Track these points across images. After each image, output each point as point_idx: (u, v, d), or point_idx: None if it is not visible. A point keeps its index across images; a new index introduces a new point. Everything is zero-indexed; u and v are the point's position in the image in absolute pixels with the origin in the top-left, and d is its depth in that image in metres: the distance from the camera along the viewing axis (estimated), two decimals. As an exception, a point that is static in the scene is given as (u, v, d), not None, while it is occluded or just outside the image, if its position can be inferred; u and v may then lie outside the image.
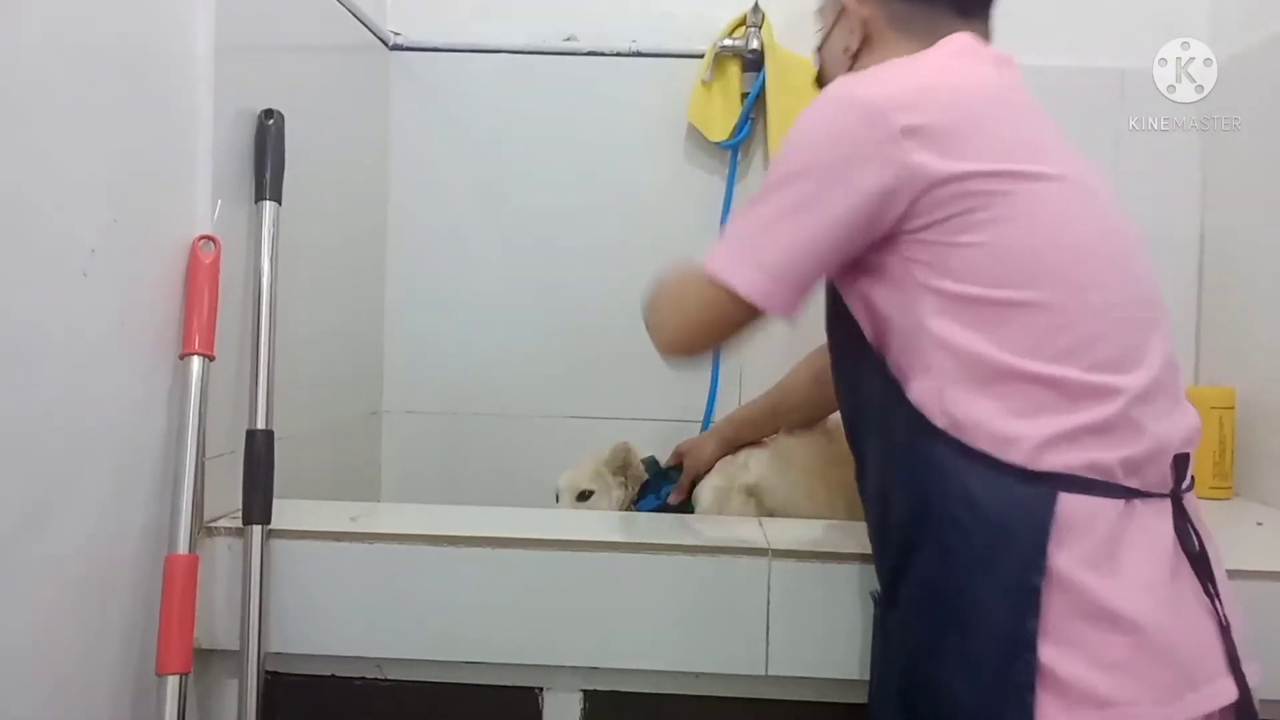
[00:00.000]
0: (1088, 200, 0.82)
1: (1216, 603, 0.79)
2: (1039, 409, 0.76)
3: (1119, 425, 0.77)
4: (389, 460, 1.78)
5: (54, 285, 0.89)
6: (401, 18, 1.75)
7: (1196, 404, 1.48)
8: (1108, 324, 0.78)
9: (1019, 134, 0.82)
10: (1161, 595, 0.75)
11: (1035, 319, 0.77)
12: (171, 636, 0.98)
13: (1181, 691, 0.74)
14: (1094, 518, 0.75)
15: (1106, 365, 0.77)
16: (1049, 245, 0.78)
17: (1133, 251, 0.84)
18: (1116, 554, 0.75)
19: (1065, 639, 0.73)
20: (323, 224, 1.46)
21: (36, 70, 0.86)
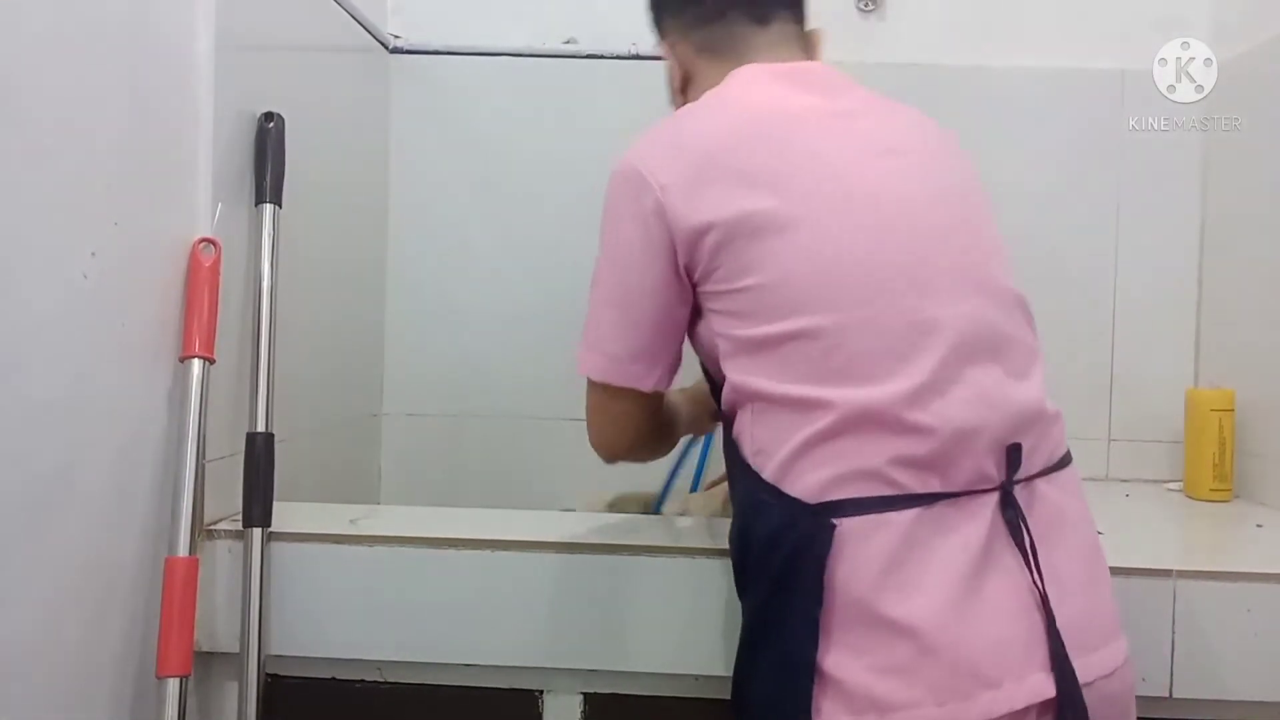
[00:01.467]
0: (850, 212, 0.82)
1: (1039, 593, 0.77)
2: (806, 435, 0.78)
3: (891, 431, 0.77)
4: (389, 463, 1.77)
5: (54, 288, 0.89)
6: (402, 20, 1.75)
7: (1197, 406, 1.52)
8: (865, 339, 0.79)
9: (772, 166, 0.83)
10: (950, 597, 0.75)
11: (802, 348, 0.79)
12: (171, 639, 0.98)
13: (973, 691, 0.73)
14: (875, 532, 0.76)
15: (866, 378, 0.78)
16: (803, 275, 0.80)
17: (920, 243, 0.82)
18: (903, 563, 0.75)
19: (846, 646, 0.76)
20: (323, 227, 1.46)
21: (36, 72, 0.86)
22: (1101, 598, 0.83)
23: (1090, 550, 0.84)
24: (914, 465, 0.77)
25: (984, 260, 0.86)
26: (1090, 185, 1.69)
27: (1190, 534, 1.39)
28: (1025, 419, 0.82)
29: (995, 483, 0.80)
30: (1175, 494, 1.56)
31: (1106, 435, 1.69)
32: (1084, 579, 0.82)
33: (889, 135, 0.90)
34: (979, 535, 0.77)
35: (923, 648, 0.74)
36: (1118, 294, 1.69)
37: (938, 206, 0.86)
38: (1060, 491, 0.84)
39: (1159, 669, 1.00)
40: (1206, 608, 1.00)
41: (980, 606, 0.76)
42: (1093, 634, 0.80)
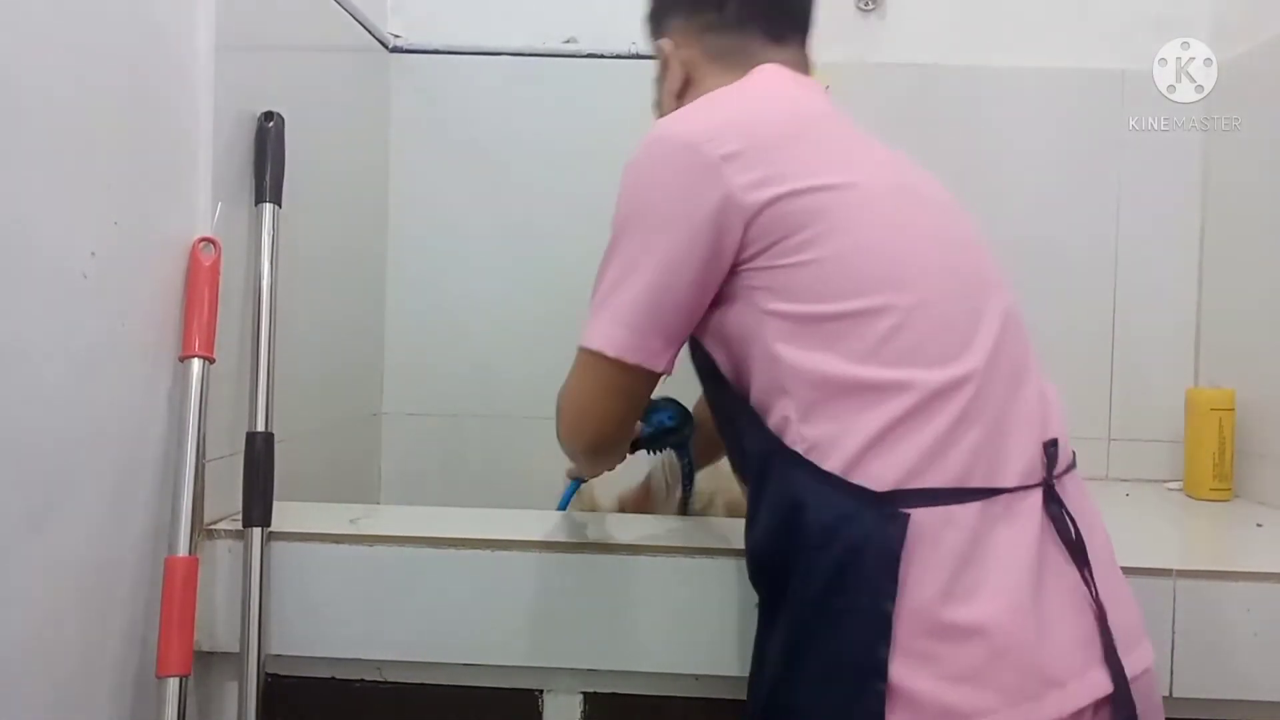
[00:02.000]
0: (901, 202, 0.84)
1: (1092, 590, 0.77)
2: (882, 421, 0.76)
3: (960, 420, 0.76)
4: (389, 462, 1.77)
5: (54, 288, 0.89)
6: (402, 20, 1.75)
7: (1197, 406, 1.52)
8: (933, 322, 0.79)
9: (823, 152, 0.83)
10: (1018, 598, 0.74)
11: (872, 325, 0.77)
12: (171, 638, 0.98)
13: (1042, 692, 0.73)
14: (944, 529, 0.74)
15: (936, 360, 0.77)
16: (869, 252, 0.79)
17: (957, 246, 0.86)
18: (970, 562, 0.74)
19: (915, 654, 0.73)
20: (323, 226, 1.46)
21: (36, 71, 0.86)
22: (1131, 596, 0.84)
23: (1111, 550, 0.85)
24: (978, 457, 0.76)
25: (994, 264, 0.89)
26: (1090, 185, 1.69)
27: (1190, 533, 1.39)
28: (1055, 415, 0.84)
29: (1039, 478, 0.80)
30: (1175, 493, 1.56)
31: (1107, 435, 1.69)
32: (1116, 577, 0.83)
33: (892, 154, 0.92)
34: (1033, 532, 0.77)
35: (994, 650, 0.72)
36: (1118, 293, 1.69)
37: (957, 210, 0.90)
38: (1080, 491, 0.84)
39: (1159, 668, 0.99)
40: (1206, 607, 1.01)
41: (1042, 605, 0.75)
42: (1131, 631, 0.81)
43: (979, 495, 0.76)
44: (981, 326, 0.81)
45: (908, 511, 0.74)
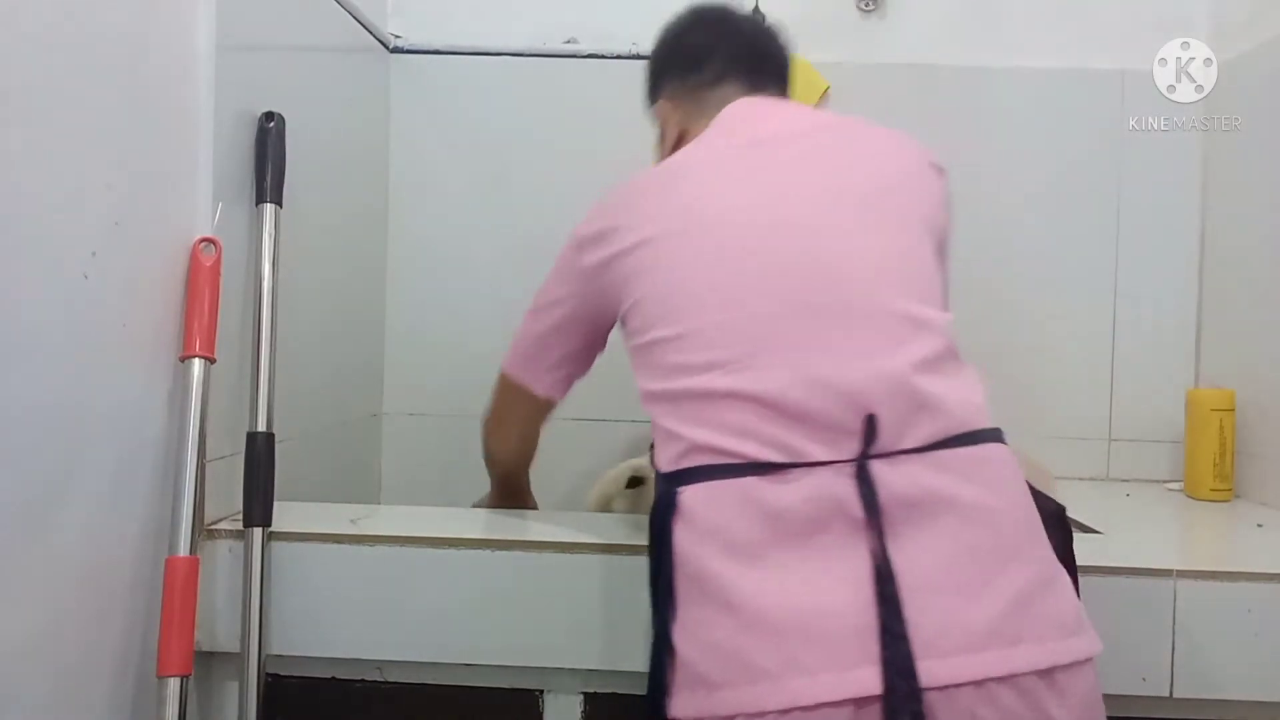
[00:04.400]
0: (720, 239, 0.88)
1: (891, 581, 0.74)
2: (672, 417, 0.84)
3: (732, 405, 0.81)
4: (389, 462, 1.78)
5: (55, 287, 0.89)
6: (402, 20, 1.75)
7: (1197, 406, 1.52)
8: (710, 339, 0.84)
9: (669, 203, 0.92)
10: (777, 577, 0.75)
11: (660, 351, 0.86)
12: (172, 638, 0.98)
13: (787, 677, 0.72)
14: (711, 501, 0.79)
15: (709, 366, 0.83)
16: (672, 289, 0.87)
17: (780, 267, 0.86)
18: (734, 534, 0.77)
19: (689, 622, 0.78)
20: (324, 226, 1.46)
21: (36, 72, 0.86)
22: (992, 597, 0.75)
23: (986, 545, 0.77)
24: (752, 435, 0.79)
25: (853, 272, 0.86)
26: (1091, 185, 1.69)
27: (1191, 534, 1.39)
28: (884, 392, 0.80)
29: (844, 456, 0.78)
30: (1176, 494, 1.56)
31: (1107, 435, 1.69)
32: (961, 574, 0.76)
33: (806, 164, 0.93)
34: (818, 511, 0.76)
35: (743, 625, 0.74)
36: (1118, 294, 1.69)
37: (830, 229, 0.89)
38: (944, 475, 0.78)
39: (1159, 669, 1.00)
40: (1207, 608, 1.00)
41: (805, 590, 0.74)
42: (965, 635, 0.73)
43: (752, 470, 0.78)
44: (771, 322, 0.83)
45: (680, 489, 0.80)
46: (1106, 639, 1.00)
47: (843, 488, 0.77)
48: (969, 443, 0.81)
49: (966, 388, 0.85)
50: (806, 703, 0.71)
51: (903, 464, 0.78)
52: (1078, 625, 0.78)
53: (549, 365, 1.08)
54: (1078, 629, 0.78)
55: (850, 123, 1.01)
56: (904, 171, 0.95)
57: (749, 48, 1.07)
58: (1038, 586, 0.77)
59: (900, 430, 0.79)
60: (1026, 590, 0.76)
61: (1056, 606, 0.78)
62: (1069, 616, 0.78)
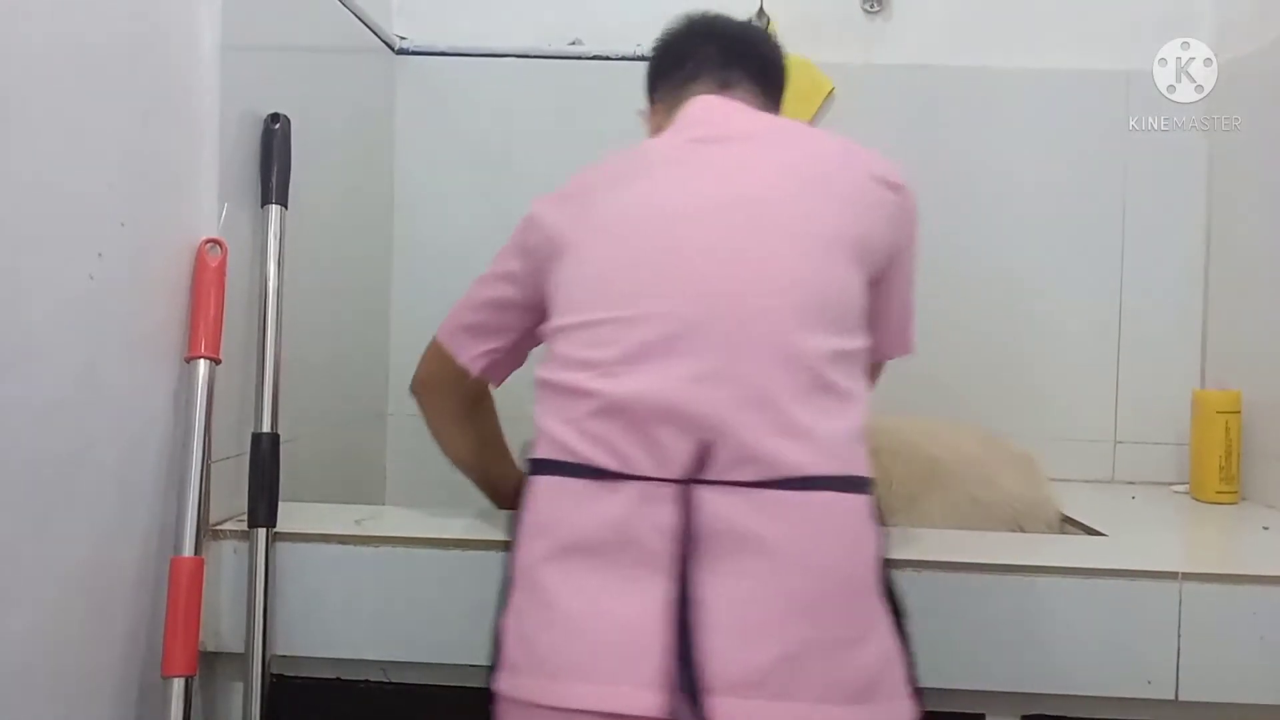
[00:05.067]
0: (626, 239, 0.88)
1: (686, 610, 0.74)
2: (542, 408, 0.86)
3: (579, 405, 0.82)
4: (394, 463, 1.78)
5: (61, 288, 0.89)
6: (407, 21, 1.75)
7: (1203, 408, 1.52)
8: (602, 337, 0.84)
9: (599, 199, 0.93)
10: (582, 581, 0.77)
11: (559, 339, 0.87)
12: (177, 639, 0.99)
13: (569, 680, 0.75)
14: (550, 497, 0.82)
15: (592, 366, 0.83)
16: (575, 283, 0.89)
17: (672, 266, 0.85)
18: (559, 532, 0.80)
19: (512, 607, 0.82)
20: (329, 227, 1.46)
21: (43, 74, 0.86)
22: (771, 646, 0.74)
23: (783, 594, 0.75)
24: (599, 440, 0.80)
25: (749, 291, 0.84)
26: (1096, 186, 1.69)
27: (1196, 536, 1.39)
28: (728, 421, 0.78)
29: (673, 475, 0.78)
30: (1181, 496, 1.56)
31: (1112, 437, 1.69)
32: (750, 617, 0.75)
33: (730, 171, 0.91)
34: (637, 525, 0.77)
35: (549, 621, 0.77)
36: (1124, 295, 1.69)
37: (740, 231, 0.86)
38: (763, 515, 0.77)
39: (1165, 672, 1.00)
40: (1212, 610, 1.00)
41: (607, 600, 0.76)
42: (742, 677, 0.73)
43: (588, 474, 0.80)
44: (636, 328, 0.82)
45: (533, 478, 0.84)
46: (1111, 642, 1.00)
47: (664, 507, 0.77)
48: (803, 488, 0.78)
49: (828, 427, 0.80)
50: (576, 706, 0.74)
51: (727, 495, 0.77)
52: (865, 694, 0.75)
53: (478, 337, 1.07)
54: (864, 698, 0.75)
55: (796, 131, 1.00)
56: (835, 186, 0.90)
57: (726, 49, 1.07)
58: (830, 646, 0.75)
59: (734, 462, 0.78)
60: (814, 647, 0.75)
61: (846, 670, 0.75)
62: (856, 684, 0.75)
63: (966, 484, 1.28)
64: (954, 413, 1.57)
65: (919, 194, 0.96)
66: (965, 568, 1.02)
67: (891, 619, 0.81)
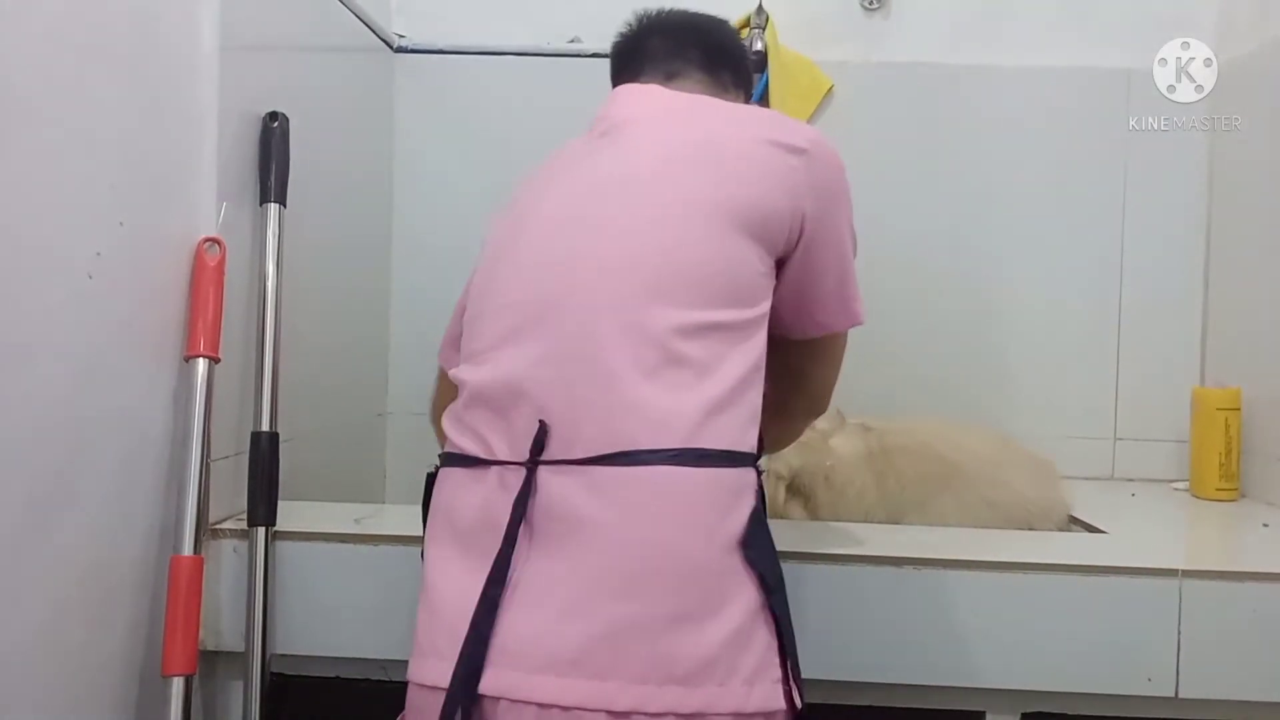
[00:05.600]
0: (518, 231, 0.91)
1: (496, 593, 0.76)
2: None
3: (461, 397, 0.86)
4: (394, 462, 1.78)
5: (60, 287, 0.89)
6: (406, 20, 1.75)
7: (1202, 405, 1.52)
8: (481, 328, 0.88)
9: (519, 194, 0.98)
10: (450, 561, 0.82)
11: (465, 331, 0.92)
12: (177, 638, 0.99)
13: (423, 655, 0.80)
14: (440, 484, 0.87)
15: (470, 356, 0.88)
16: (480, 276, 0.93)
17: (548, 265, 0.86)
18: (440, 519, 0.85)
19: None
20: (327, 226, 1.46)
21: (41, 73, 0.86)
22: (590, 625, 0.73)
23: (607, 572, 0.75)
24: (468, 428, 0.84)
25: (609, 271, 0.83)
26: (1096, 184, 1.69)
27: (1196, 533, 1.39)
28: (564, 398, 0.79)
29: (520, 458, 0.80)
30: (1181, 493, 1.56)
31: (1112, 434, 1.69)
32: (568, 595, 0.74)
33: (617, 153, 0.91)
34: (489, 509, 0.80)
35: (424, 600, 0.83)
36: (1124, 292, 1.69)
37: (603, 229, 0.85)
38: (590, 493, 0.76)
39: (1165, 669, 1.00)
40: (1212, 608, 1.00)
41: (456, 582, 0.80)
42: (548, 657, 0.73)
43: (462, 461, 0.84)
44: (501, 316, 0.86)
45: (432, 470, 0.88)
46: (1111, 639, 1.00)
47: (505, 491, 0.80)
48: (635, 463, 0.76)
49: (673, 401, 0.78)
50: (419, 680, 0.80)
51: (561, 475, 0.78)
52: (699, 676, 0.73)
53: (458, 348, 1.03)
54: (696, 680, 0.73)
55: (702, 108, 0.96)
56: (723, 156, 0.87)
57: (673, 40, 1.05)
58: (659, 624, 0.73)
59: (568, 441, 0.78)
60: (639, 624, 0.73)
61: (673, 651, 0.73)
62: (688, 665, 0.73)
63: (980, 485, 1.29)
64: (955, 411, 1.58)
65: (919, 191, 0.96)
66: (965, 565, 1.02)
67: (761, 599, 0.77)
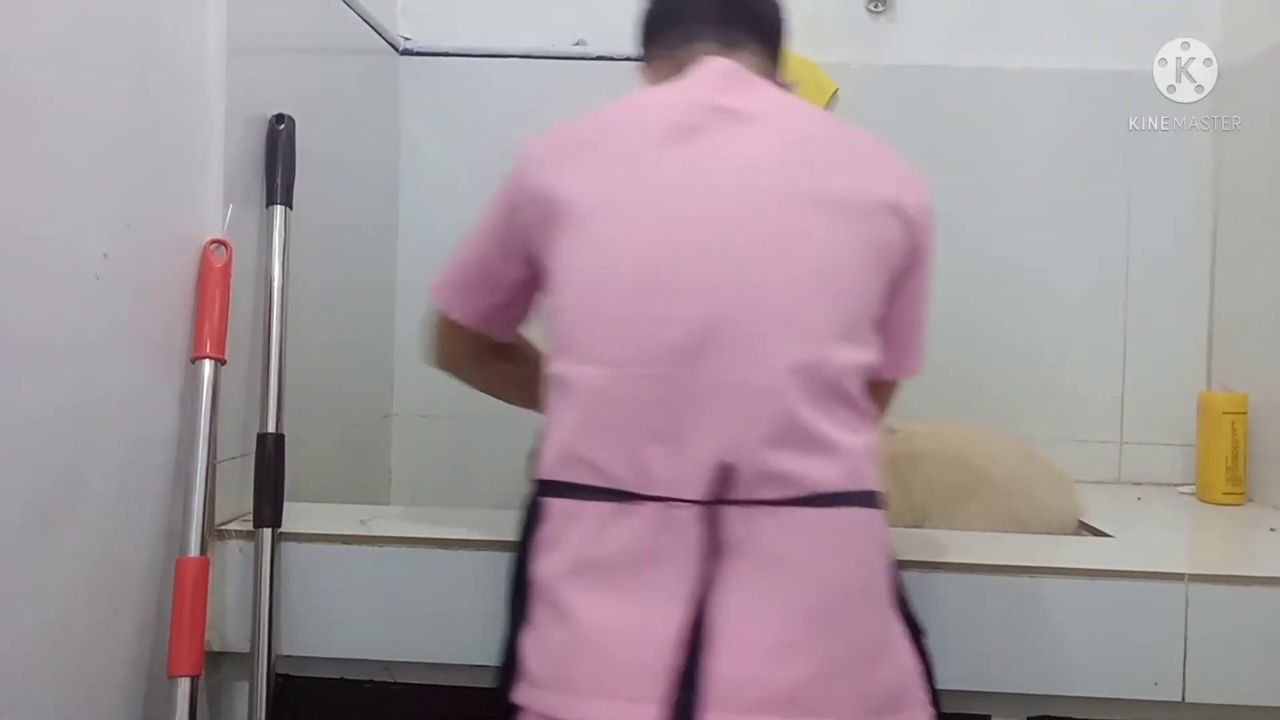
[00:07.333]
0: (638, 218, 0.83)
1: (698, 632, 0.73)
2: (553, 411, 0.83)
3: (597, 421, 0.79)
4: (399, 463, 1.78)
5: (67, 289, 0.89)
6: (411, 22, 1.75)
7: (1209, 409, 1.51)
8: (599, 324, 0.81)
9: (600, 164, 0.88)
10: (608, 597, 0.76)
11: (557, 323, 0.84)
12: (182, 639, 0.99)
13: (588, 693, 0.75)
14: (566, 516, 0.80)
15: (591, 358, 0.80)
16: (576, 256, 0.83)
17: (671, 258, 0.80)
18: (589, 553, 0.78)
19: (530, 620, 0.81)
20: (333, 228, 1.46)
21: (48, 76, 0.86)
22: (803, 662, 0.74)
23: (810, 610, 0.75)
24: (613, 459, 0.78)
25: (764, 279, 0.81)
26: (1101, 186, 1.68)
27: (1203, 538, 1.38)
28: (749, 438, 0.76)
29: (696, 496, 0.76)
30: (1188, 497, 1.55)
31: (1119, 438, 1.68)
32: (776, 634, 0.74)
33: (742, 147, 0.86)
34: (661, 544, 0.76)
35: (570, 636, 0.77)
36: (1129, 296, 1.68)
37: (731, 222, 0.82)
38: (787, 534, 0.76)
39: (1171, 673, 1.00)
40: (1219, 612, 1.00)
41: (627, 618, 0.75)
42: (763, 695, 0.73)
43: (600, 494, 0.78)
44: (659, 337, 0.78)
45: (546, 500, 0.81)
46: (1117, 643, 1.00)
47: (687, 526, 0.76)
48: (824, 504, 0.77)
49: (850, 442, 0.79)
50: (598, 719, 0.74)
51: (752, 514, 0.76)
52: (891, 707, 0.76)
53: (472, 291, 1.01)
54: (890, 710, 0.76)
55: (819, 117, 0.96)
56: (869, 180, 0.86)
57: (723, 4, 1.00)
58: (859, 659, 0.76)
59: (758, 480, 0.76)
60: (844, 661, 0.75)
61: (873, 684, 0.76)
62: (882, 697, 0.76)
63: (1008, 497, 1.28)
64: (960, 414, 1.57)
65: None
66: (972, 569, 1.02)
67: (907, 632, 0.82)
